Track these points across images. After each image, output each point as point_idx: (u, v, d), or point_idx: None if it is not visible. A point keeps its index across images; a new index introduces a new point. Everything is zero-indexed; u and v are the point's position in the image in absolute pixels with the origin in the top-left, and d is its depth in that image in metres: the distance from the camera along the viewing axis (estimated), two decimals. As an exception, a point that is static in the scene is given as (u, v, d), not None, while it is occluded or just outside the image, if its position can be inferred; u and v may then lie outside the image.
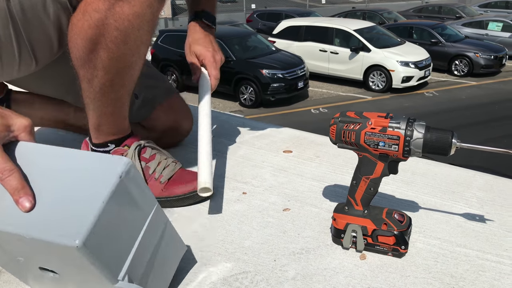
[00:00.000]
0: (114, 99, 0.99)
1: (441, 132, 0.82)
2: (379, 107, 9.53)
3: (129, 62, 0.95)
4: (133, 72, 0.98)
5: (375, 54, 10.67)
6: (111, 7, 0.87)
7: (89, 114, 1.02)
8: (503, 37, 13.75)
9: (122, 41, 0.90)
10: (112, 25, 0.88)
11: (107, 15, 0.87)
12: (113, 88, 0.97)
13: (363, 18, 16.08)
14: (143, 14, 0.89)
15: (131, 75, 0.98)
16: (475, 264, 0.86)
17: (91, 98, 0.98)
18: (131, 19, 0.88)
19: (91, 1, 0.88)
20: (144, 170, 1.05)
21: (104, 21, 0.88)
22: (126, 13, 0.88)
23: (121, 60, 0.93)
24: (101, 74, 0.93)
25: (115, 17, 0.88)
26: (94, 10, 0.87)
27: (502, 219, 1.02)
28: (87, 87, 0.96)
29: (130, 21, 0.89)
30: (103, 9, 0.87)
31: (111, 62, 0.92)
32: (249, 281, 0.82)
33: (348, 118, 0.87)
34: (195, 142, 1.42)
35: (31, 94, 1.27)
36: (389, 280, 0.82)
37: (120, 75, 0.96)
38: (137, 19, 0.89)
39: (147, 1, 0.88)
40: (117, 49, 0.91)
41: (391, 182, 1.16)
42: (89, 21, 0.88)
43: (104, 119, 1.02)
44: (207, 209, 1.05)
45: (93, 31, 0.88)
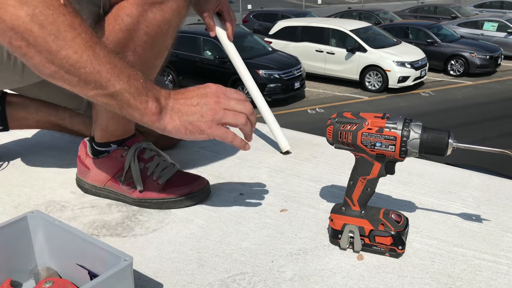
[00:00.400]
0: None
1: (438, 132, 0.82)
2: (376, 107, 9.55)
3: (152, 65, 0.98)
4: (153, 74, 1.00)
5: (371, 54, 10.70)
6: (144, 13, 0.89)
7: (97, 115, 1.03)
8: (498, 37, 13.82)
9: (150, 45, 0.93)
10: (143, 30, 0.91)
11: (139, 20, 0.90)
12: None
13: (359, 19, 16.12)
14: (172, 20, 0.93)
15: (151, 77, 1.00)
16: (472, 264, 0.87)
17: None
18: (161, 25, 0.91)
19: (125, 6, 0.90)
20: (142, 171, 1.05)
21: (136, 26, 0.90)
22: (157, 19, 0.90)
23: (145, 64, 0.95)
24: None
25: (147, 22, 0.90)
26: (127, 15, 0.89)
27: (499, 218, 1.02)
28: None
29: (160, 27, 0.91)
30: (136, 14, 0.89)
31: (136, 65, 0.92)
32: (247, 282, 0.82)
33: (344, 119, 0.87)
34: (192, 144, 1.43)
35: (27, 98, 1.26)
36: (386, 281, 0.82)
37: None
38: (166, 25, 0.92)
39: (178, 8, 0.92)
40: (144, 53, 0.94)
41: (388, 183, 1.16)
42: (120, 24, 0.90)
43: (114, 120, 1.03)
44: (204, 210, 1.05)
45: (123, 34, 0.90)
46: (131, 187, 1.05)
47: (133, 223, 1.00)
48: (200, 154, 1.36)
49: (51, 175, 1.22)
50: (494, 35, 13.94)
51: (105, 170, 1.06)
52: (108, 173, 1.06)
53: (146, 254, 0.89)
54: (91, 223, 1.00)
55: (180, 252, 0.90)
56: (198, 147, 1.41)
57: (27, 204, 1.07)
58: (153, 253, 0.90)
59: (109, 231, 0.97)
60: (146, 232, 0.97)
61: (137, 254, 0.89)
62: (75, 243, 0.72)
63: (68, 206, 1.07)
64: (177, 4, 0.91)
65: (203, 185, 1.08)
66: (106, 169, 1.06)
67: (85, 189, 1.11)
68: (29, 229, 0.76)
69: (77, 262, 0.72)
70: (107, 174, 1.06)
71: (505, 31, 13.88)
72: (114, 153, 1.05)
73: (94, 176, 1.08)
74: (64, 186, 1.16)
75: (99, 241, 0.70)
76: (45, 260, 0.77)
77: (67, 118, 1.28)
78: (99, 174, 1.07)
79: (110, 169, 1.06)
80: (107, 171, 1.06)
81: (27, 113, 1.25)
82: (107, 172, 1.06)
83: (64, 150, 1.37)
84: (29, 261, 0.77)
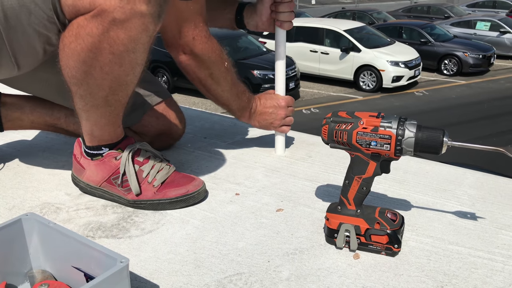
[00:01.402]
0: (108, 112, 0.99)
1: (432, 131, 0.82)
2: (370, 107, 9.57)
3: (124, 81, 0.94)
4: (128, 89, 0.97)
5: (365, 54, 10.73)
6: (105, 32, 0.85)
7: (82, 122, 1.02)
8: (491, 36, 13.90)
9: (117, 63, 0.89)
10: (107, 50, 0.87)
11: (101, 39, 0.86)
12: (107, 103, 0.96)
13: (353, 19, 16.15)
14: (139, 38, 0.88)
15: (126, 91, 0.97)
16: (467, 262, 0.87)
17: (84, 110, 0.98)
18: (126, 43, 0.87)
19: (84, 24, 0.86)
20: (137, 174, 1.04)
21: (98, 45, 0.86)
22: (121, 38, 0.86)
23: (116, 81, 0.93)
24: (94, 92, 0.93)
25: (110, 41, 0.86)
26: (87, 34, 0.85)
27: (493, 216, 1.03)
28: (80, 101, 0.96)
29: (125, 45, 0.87)
30: (97, 33, 0.85)
31: (105, 82, 0.92)
32: (243, 282, 0.82)
33: (340, 118, 0.87)
34: (188, 144, 1.42)
35: (21, 98, 1.25)
36: (382, 279, 0.82)
37: (114, 92, 0.95)
38: (132, 43, 0.87)
39: (143, 25, 0.86)
40: (112, 71, 0.90)
41: (383, 181, 1.16)
42: (81, 44, 0.87)
43: (97, 128, 1.02)
44: (200, 211, 1.05)
45: (86, 54, 0.87)
46: (127, 189, 1.05)
47: (128, 224, 1.00)
48: (196, 154, 1.36)
49: (45, 177, 1.21)
50: (486, 35, 14.02)
51: (100, 172, 1.06)
52: (103, 175, 1.05)
53: (142, 256, 0.89)
54: (86, 224, 1.00)
55: (176, 253, 0.90)
56: (194, 147, 1.41)
57: (21, 206, 1.07)
58: (149, 255, 0.89)
59: (105, 232, 0.97)
60: (142, 233, 0.97)
61: (133, 256, 0.89)
62: (70, 245, 0.71)
63: (63, 208, 1.06)
64: (141, 21, 0.85)
65: (199, 186, 1.07)
66: (101, 172, 1.05)
67: (80, 187, 1.10)
68: (24, 232, 0.75)
69: (72, 265, 0.72)
70: (102, 176, 1.06)
71: (497, 31, 13.96)
72: (107, 156, 1.05)
73: (89, 176, 1.07)
74: (58, 188, 1.15)
75: (95, 243, 0.70)
76: (40, 262, 0.77)
77: (62, 118, 1.27)
78: (94, 175, 1.06)
79: (104, 172, 1.05)
80: (102, 173, 1.05)
81: (21, 113, 1.24)
82: (102, 174, 1.05)
83: (59, 152, 1.36)
84: (24, 264, 0.76)
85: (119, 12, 0.83)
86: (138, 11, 0.84)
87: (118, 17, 0.83)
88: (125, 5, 0.83)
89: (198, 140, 1.47)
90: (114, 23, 0.84)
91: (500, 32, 13.89)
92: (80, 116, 1.00)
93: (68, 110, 1.26)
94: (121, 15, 0.83)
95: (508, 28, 13.86)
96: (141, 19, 0.85)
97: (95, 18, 0.84)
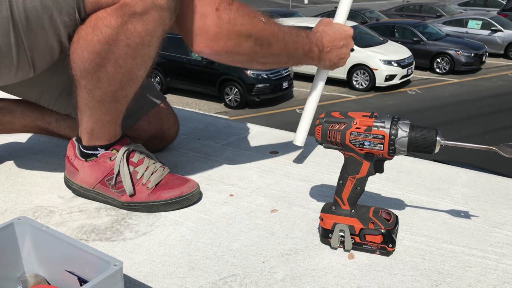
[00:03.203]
0: (113, 108, 0.99)
1: (426, 130, 0.83)
2: (363, 106, 9.61)
3: (135, 75, 0.95)
4: (136, 84, 0.98)
5: (358, 53, 10.76)
6: (123, 24, 0.86)
7: (82, 119, 1.01)
8: (482, 34, 14.00)
9: (131, 56, 0.90)
10: (123, 42, 0.88)
11: (119, 31, 0.87)
12: (114, 99, 0.96)
13: (345, 18, 16.17)
14: (155, 31, 0.89)
15: (134, 86, 0.98)
16: (461, 260, 0.87)
17: (89, 106, 0.97)
18: (142, 35, 0.88)
19: (103, 16, 0.87)
20: (132, 175, 1.04)
21: (115, 37, 0.87)
22: (138, 30, 0.87)
23: (127, 74, 0.93)
24: (104, 86, 0.93)
25: (127, 34, 0.87)
26: (105, 26, 0.86)
27: (486, 214, 1.03)
28: (87, 96, 0.96)
29: (141, 38, 0.88)
30: (115, 25, 0.86)
31: (117, 76, 0.92)
32: (238, 284, 0.81)
33: (333, 118, 0.87)
34: (182, 145, 1.42)
35: (12, 102, 1.24)
36: (377, 279, 0.82)
37: (123, 87, 0.95)
38: (148, 36, 0.89)
39: (160, 18, 0.88)
40: (125, 64, 0.91)
41: (377, 181, 1.17)
42: (99, 36, 0.87)
43: (99, 125, 1.01)
44: (194, 212, 1.05)
45: (102, 46, 0.88)
46: (120, 191, 1.04)
47: (122, 227, 0.99)
48: (190, 156, 1.35)
49: (38, 180, 1.20)
50: (478, 33, 14.13)
51: (93, 174, 1.05)
52: (97, 177, 1.05)
53: (136, 258, 0.89)
54: (79, 227, 0.99)
55: (171, 255, 0.89)
56: (187, 148, 1.40)
57: (13, 210, 1.06)
58: (143, 257, 0.89)
59: (98, 235, 0.96)
60: (136, 235, 0.96)
61: (127, 258, 0.88)
62: (63, 249, 0.71)
63: (56, 211, 1.05)
64: (159, 14, 0.87)
65: (193, 188, 1.07)
66: (94, 173, 1.05)
67: (73, 189, 1.09)
68: (16, 236, 0.74)
69: (66, 268, 0.71)
70: (96, 177, 1.05)
71: (489, 29, 14.07)
72: (102, 157, 1.04)
73: (83, 178, 1.06)
74: (51, 191, 1.14)
75: (88, 246, 0.69)
76: (33, 267, 0.76)
77: (53, 122, 1.26)
78: (87, 177, 1.06)
79: (98, 173, 1.05)
80: (96, 174, 1.05)
81: (12, 117, 1.23)
82: (96, 175, 1.05)
83: (51, 154, 1.35)
84: (17, 268, 0.76)
85: (140, 5, 0.85)
86: (158, 4, 0.86)
87: (139, 10, 0.85)
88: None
89: (192, 142, 1.46)
90: (133, 15, 0.86)
91: (492, 31, 14.00)
92: (83, 113, 1.00)
93: (60, 115, 1.25)
94: (141, 8, 0.85)
95: (500, 27, 13.97)
96: (159, 12, 0.87)
97: (115, 11, 0.86)
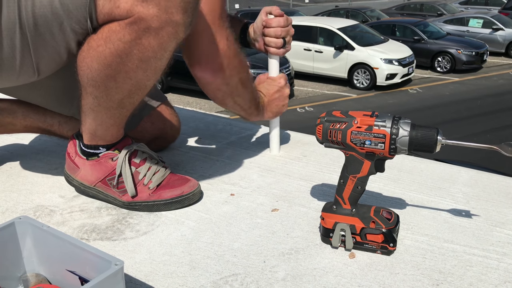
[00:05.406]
0: (119, 114, 0.98)
1: (427, 129, 0.82)
2: (364, 105, 9.60)
3: (143, 85, 0.94)
4: (144, 92, 0.97)
5: (359, 52, 10.75)
6: (137, 38, 0.84)
7: (86, 120, 1.00)
8: (483, 33, 13.97)
9: (143, 69, 0.89)
10: (136, 56, 0.86)
11: (132, 45, 0.85)
12: (120, 105, 0.96)
13: (346, 17, 16.18)
14: (168, 45, 0.88)
15: (142, 94, 0.97)
16: (462, 260, 0.87)
17: (94, 110, 0.97)
18: (156, 50, 0.87)
19: (116, 30, 0.85)
20: (134, 176, 1.03)
21: (128, 51, 0.86)
22: (152, 45, 0.86)
23: (136, 85, 0.92)
24: (111, 94, 0.92)
25: (140, 48, 0.86)
26: (118, 39, 0.85)
27: (488, 213, 1.03)
28: (92, 101, 0.95)
29: (154, 52, 0.87)
30: (129, 40, 0.84)
31: (125, 86, 0.91)
32: (239, 283, 0.81)
33: (334, 118, 0.87)
34: (183, 145, 1.42)
35: (13, 103, 1.23)
36: (378, 278, 0.82)
37: (131, 95, 0.95)
38: (162, 51, 0.88)
39: (175, 33, 0.86)
40: (135, 76, 0.90)
41: (378, 180, 1.17)
42: (111, 48, 0.86)
43: (102, 128, 1.01)
44: (195, 212, 1.05)
45: (114, 59, 0.87)
46: (122, 191, 1.04)
47: (123, 226, 0.99)
48: (191, 155, 1.35)
49: (39, 179, 1.20)
50: (479, 32, 14.09)
51: (95, 173, 1.05)
52: (98, 176, 1.05)
53: (137, 258, 0.89)
54: (80, 227, 0.99)
55: (172, 255, 0.89)
56: (188, 148, 1.40)
57: (14, 209, 1.06)
58: (144, 256, 0.89)
59: (99, 235, 0.96)
60: (137, 235, 0.96)
61: (128, 258, 0.88)
62: (64, 248, 0.71)
63: (57, 210, 1.05)
64: (175, 29, 0.85)
65: (194, 187, 1.07)
66: (96, 172, 1.05)
67: (74, 185, 1.09)
68: (17, 235, 0.74)
69: (67, 268, 0.71)
70: (97, 176, 1.05)
71: (490, 28, 14.04)
72: (104, 157, 1.04)
73: (84, 176, 1.06)
74: (52, 190, 1.14)
75: (89, 245, 0.69)
76: (34, 266, 0.76)
77: (55, 124, 1.25)
78: (88, 175, 1.05)
79: (100, 172, 1.04)
80: (97, 173, 1.05)
81: (13, 119, 1.23)
82: (97, 174, 1.05)
83: (52, 154, 1.36)
84: (18, 268, 0.76)
85: (156, 21, 0.83)
86: (174, 20, 0.84)
87: (154, 26, 0.83)
88: (162, 15, 0.82)
89: (192, 141, 1.46)
90: (148, 30, 0.84)
91: (493, 29, 13.97)
92: (87, 115, 0.99)
93: (62, 118, 1.24)
94: (157, 23, 0.83)
95: (501, 25, 13.94)
96: (174, 28, 0.85)
97: (129, 25, 0.84)
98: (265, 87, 1.29)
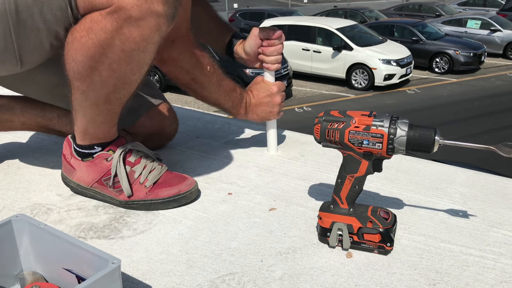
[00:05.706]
0: (107, 110, 0.98)
1: (424, 129, 0.83)
2: (362, 105, 9.61)
3: (129, 80, 0.94)
4: (131, 88, 0.97)
5: (357, 52, 10.76)
6: (119, 28, 0.85)
7: (76, 118, 1.01)
8: (481, 34, 14.00)
9: (126, 61, 0.89)
10: (118, 46, 0.87)
11: (114, 35, 0.85)
12: (107, 101, 0.96)
13: (344, 17, 16.19)
14: (151, 37, 0.87)
15: (129, 90, 0.97)
16: (459, 260, 0.87)
17: (82, 106, 0.97)
18: (138, 41, 0.87)
19: (98, 19, 0.85)
20: (129, 175, 1.03)
21: (110, 42, 0.86)
22: (133, 36, 0.86)
23: (121, 79, 0.92)
24: (97, 88, 0.92)
25: (122, 38, 0.86)
26: (100, 29, 0.85)
27: (484, 214, 1.03)
28: (80, 96, 0.95)
29: (136, 44, 0.87)
30: (111, 29, 0.85)
31: (110, 80, 0.91)
32: (236, 282, 0.82)
33: (332, 117, 0.87)
34: (180, 144, 1.42)
35: (11, 99, 1.23)
36: (375, 278, 0.82)
37: (117, 90, 0.94)
38: (144, 42, 0.88)
39: (157, 25, 0.86)
40: (119, 69, 0.90)
41: (375, 180, 1.17)
42: (93, 39, 0.86)
43: (93, 125, 1.00)
44: (192, 211, 1.05)
45: (96, 49, 0.87)
46: (118, 190, 1.04)
47: (120, 225, 0.99)
48: (188, 154, 1.35)
49: (36, 178, 1.20)
50: (477, 33, 14.12)
51: (90, 174, 1.05)
52: (94, 176, 1.05)
53: (134, 256, 0.89)
54: (78, 225, 0.99)
55: (169, 254, 0.89)
56: (186, 147, 1.40)
57: (11, 207, 1.06)
58: (141, 255, 0.89)
59: (96, 233, 0.96)
60: (134, 233, 0.96)
61: (125, 256, 0.88)
62: (61, 246, 0.70)
63: (54, 208, 1.05)
64: (156, 21, 0.85)
65: (191, 186, 1.07)
66: (91, 173, 1.05)
67: (71, 187, 1.09)
68: (14, 233, 0.74)
69: (64, 266, 0.71)
70: (93, 177, 1.05)
71: (488, 29, 14.07)
72: (98, 157, 1.04)
73: (80, 177, 1.06)
74: (49, 188, 1.14)
75: (86, 244, 0.69)
76: (31, 264, 0.76)
77: (54, 118, 1.25)
78: (85, 176, 1.05)
79: (95, 173, 1.04)
80: (93, 174, 1.04)
81: (11, 115, 1.23)
82: (93, 175, 1.05)
83: (49, 152, 1.35)
84: (15, 266, 0.75)
85: (136, 10, 0.83)
86: (154, 10, 0.84)
87: (134, 15, 0.84)
88: (143, 4, 0.83)
89: (190, 140, 1.46)
90: (129, 20, 0.84)
91: (491, 30, 14.00)
92: (77, 111, 0.99)
93: (61, 111, 1.24)
94: (137, 13, 0.84)
95: (499, 27, 13.97)
96: (156, 19, 0.85)
97: (110, 15, 0.84)
98: (257, 89, 1.29)
